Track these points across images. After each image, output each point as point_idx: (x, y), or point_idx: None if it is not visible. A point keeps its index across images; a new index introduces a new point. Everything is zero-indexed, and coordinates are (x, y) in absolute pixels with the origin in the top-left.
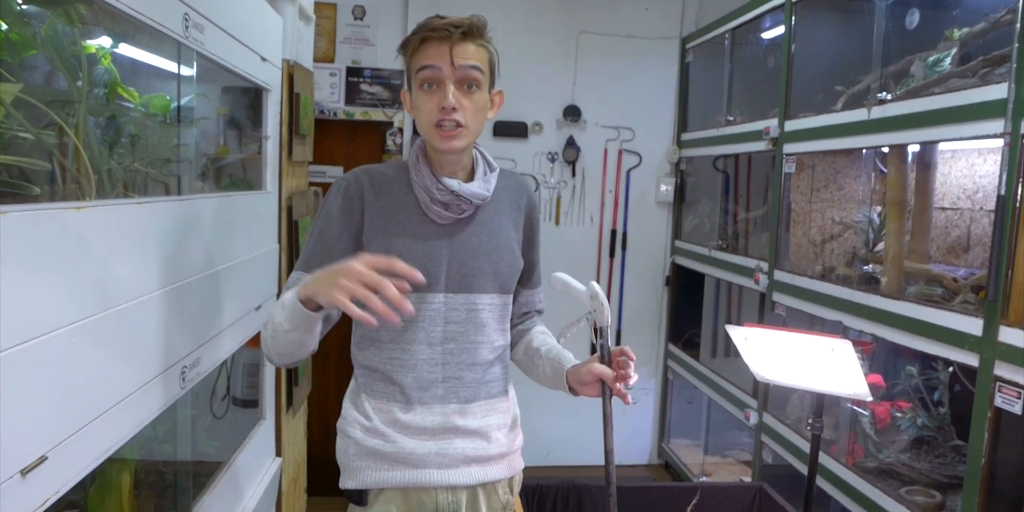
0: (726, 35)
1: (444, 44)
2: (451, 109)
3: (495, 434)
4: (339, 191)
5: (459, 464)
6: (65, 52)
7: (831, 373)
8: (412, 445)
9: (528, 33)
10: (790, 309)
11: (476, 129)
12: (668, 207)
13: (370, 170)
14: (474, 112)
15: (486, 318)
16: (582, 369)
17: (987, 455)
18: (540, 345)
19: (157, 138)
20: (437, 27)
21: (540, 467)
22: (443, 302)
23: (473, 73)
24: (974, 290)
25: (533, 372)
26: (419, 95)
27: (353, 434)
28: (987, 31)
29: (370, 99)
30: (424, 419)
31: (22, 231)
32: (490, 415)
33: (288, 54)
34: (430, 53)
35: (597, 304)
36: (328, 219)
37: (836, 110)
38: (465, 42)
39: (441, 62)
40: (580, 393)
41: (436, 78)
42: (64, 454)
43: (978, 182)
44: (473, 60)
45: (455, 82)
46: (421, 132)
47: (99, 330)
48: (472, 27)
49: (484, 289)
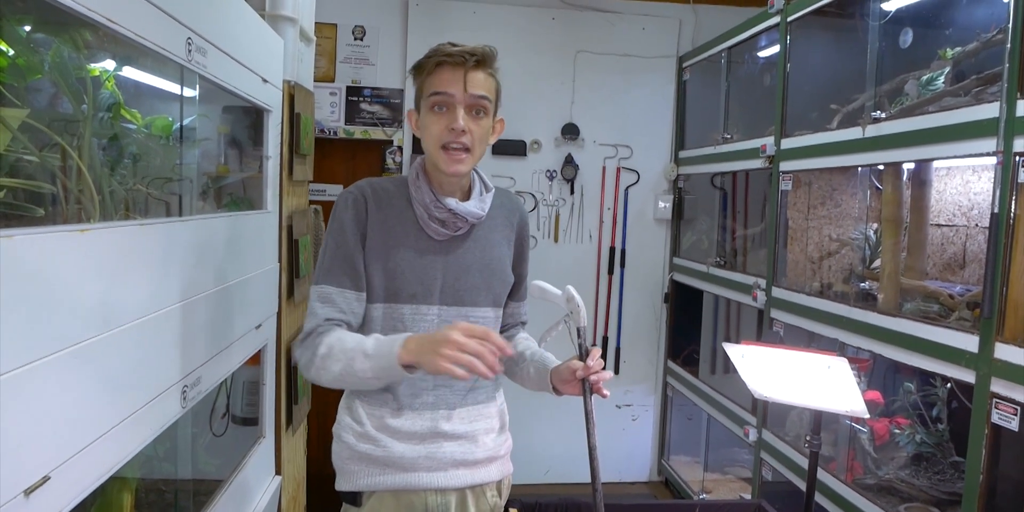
0: (722, 54)
1: (459, 70)
2: (460, 131)
3: (482, 438)
4: (347, 203)
5: (447, 467)
6: (70, 76)
7: (828, 390)
8: (402, 449)
9: (527, 52)
10: (788, 326)
11: (479, 154)
12: (666, 224)
13: (372, 183)
14: (480, 137)
15: None
16: (561, 368)
17: (985, 471)
18: (524, 349)
19: (159, 159)
20: (453, 53)
21: (539, 484)
22: (437, 314)
23: (483, 102)
24: (970, 307)
25: (517, 375)
26: (428, 116)
27: (346, 439)
28: (979, 50)
29: (370, 118)
30: (414, 424)
31: (27, 254)
32: (477, 420)
33: (289, 75)
34: (444, 78)
35: (574, 306)
36: (343, 231)
37: (831, 128)
38: (477, 70)
39: (454, 88)
40: (563, 391)
41: (448, 102)
42: (67, 474)
43: (973, 199)
44: (483, 90)
45: (465, 107)
46: (427, 152)
47: (101, 351)
48: (485, 56)
49: (477, 303)
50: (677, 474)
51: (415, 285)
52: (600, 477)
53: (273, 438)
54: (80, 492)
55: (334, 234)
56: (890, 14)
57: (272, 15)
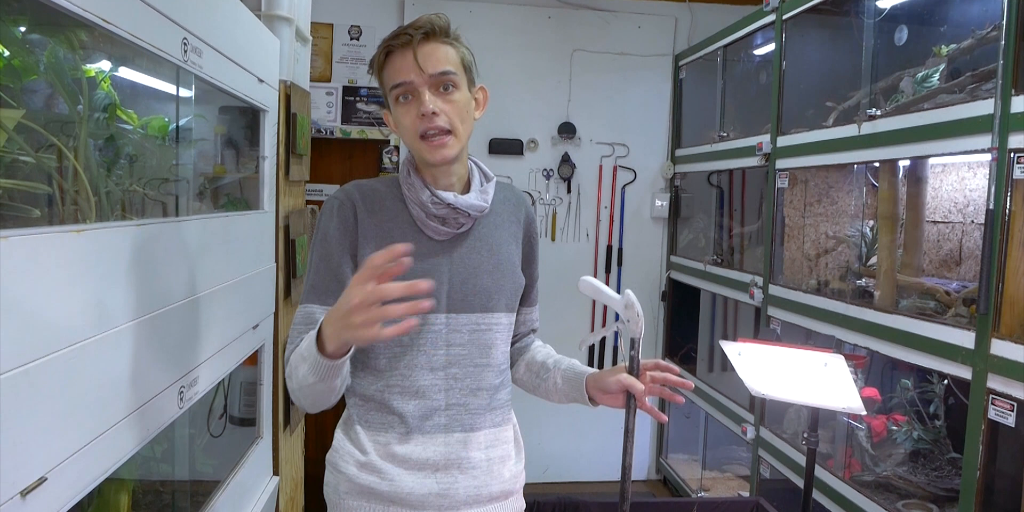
0: (718, 52)
1: (407, 52)
2: (431, 114)
3: (498, 469)
4: (332, 211)
5: (460, 505)
6: (66, 77)
7: (825, 387)
8: (411, 484)
9: (523, 51)
10: (785, 323)
11: (464, 133)
12: (663, 222)
13: (360, 185)
14: (458, 114)
15: (490, 339)
16: (608, 377)
17: (982, 468)
18: (545, 359)
19: (155, 159)
20: (397, 34)
21: (538, 483)
22: (445, 323)
23: (446, 77)
24: (966, 303)
25: (539, 387)
26: (397, 109)
27: (346, 470)
28: (974, 47)
29: (366, 118)
30: (425, 450)
31: (23, 255)
32: (495, 446)
33: (285, 75)
34: (397, 66)
35: (632, 314)
36: (327, 243)
37: (827, 126)
38: (429, 43)
39: (410, 73)
40: (600, 402)
41: (409, 90)
42: (63, 475)
43: (968, 196)
44: (442, 64)
45: (429, 87)
46: (409, 148)
47: (98, 351)
48: (434, 26)
49: (487, 308)
50: (675, 472)
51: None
52: (630, 498)
53: (271, 438)
54: (77, 493)
55: (318, 247)
56: (885, 11)
57: (268, 15)
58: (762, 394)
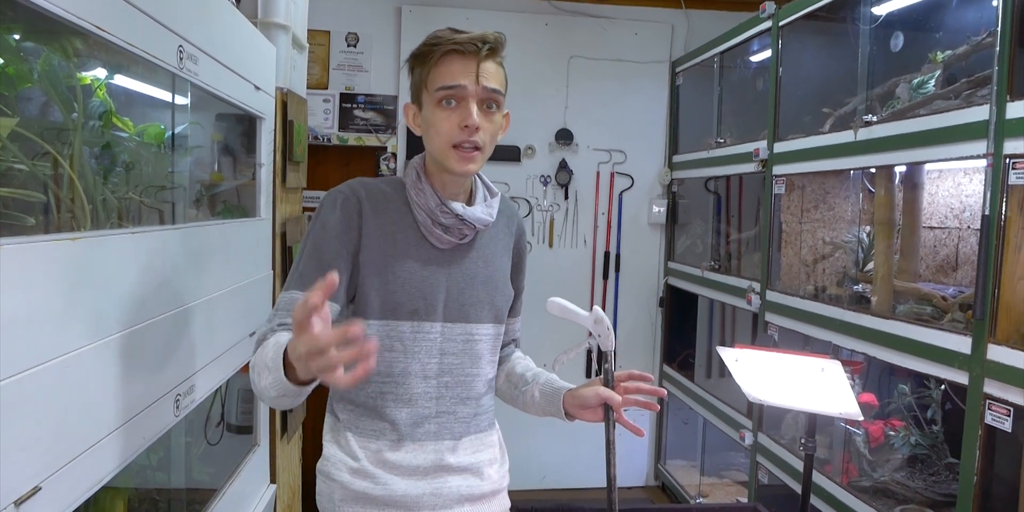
0: (715, 58)
1: (471, 60)
2: (475, 128)
3: (487, 470)
4: (335, 204)
5: (453, 504)
6: (61, 85)
7: (822, 393)
8: (404, 487)
9: (520, 57)
10: (783, 329)
11: (488, 153)
12: (661, 228)
13: (365, 183)
14: (492, 135)
15: (481, 349)
16: (585, 392)
17: (979, 472)
18: (524, 371)
19: (151, 167)
20: (463, 41)
21: (535, 490)
22: (440, 332)
23: (496, 95)
24: (963, 308)
25: (517, 399)
26: (436, 112)
27: (339, 477)
28: (969, 53)
29: (364, 125)
30: (416, 457)
31: (18, 263)
32: (481, 450)
33: (282, 82)
34: (454, 69)
35: (602, 329)
36: (324, 233)
37: (824, 132)
38: (492, 59)
39: (467, 80)
40: (578, 418)
41: (460, 96)
42: (58, 484)
43: (964, 201)
44: (496, 82)
45: (478, 101)
46: (433, 151)
47: (94, 360)
48: (498, 44)
49: (480, 319)
50: (674, 478)
51: (417, 300)
52: (617, 509)
53: (268, 446)
54: (72, 502)
55: (314, 235)
56: (881, 18)
57: (264, 22)
58: (760, 400)
